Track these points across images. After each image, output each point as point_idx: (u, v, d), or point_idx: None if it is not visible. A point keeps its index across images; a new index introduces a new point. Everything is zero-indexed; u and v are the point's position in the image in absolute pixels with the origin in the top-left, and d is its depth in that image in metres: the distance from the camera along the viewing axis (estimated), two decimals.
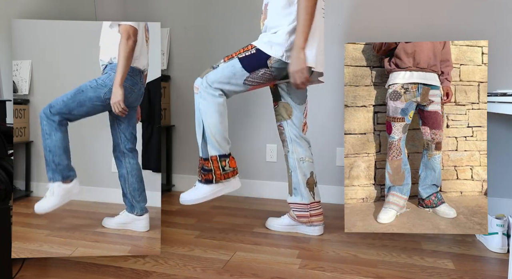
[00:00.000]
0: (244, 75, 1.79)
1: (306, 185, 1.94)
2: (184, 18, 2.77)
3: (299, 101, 1.94)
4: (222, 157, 1.85)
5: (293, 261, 1.66)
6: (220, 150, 1.85)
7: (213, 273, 1.54)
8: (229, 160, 1.88)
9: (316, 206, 1.96)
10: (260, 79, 1.80)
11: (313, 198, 1.95)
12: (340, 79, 2.53)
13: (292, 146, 1.94)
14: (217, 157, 1.84)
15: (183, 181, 2.85)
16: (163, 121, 2.77)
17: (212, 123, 1.85)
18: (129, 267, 1.58)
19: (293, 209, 1.98)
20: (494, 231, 1.82)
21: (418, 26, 2.38)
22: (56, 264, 1.59)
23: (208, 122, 1.86)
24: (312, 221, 1.95)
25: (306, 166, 1.95)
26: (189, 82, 2.80)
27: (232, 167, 1.87)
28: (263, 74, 1.78)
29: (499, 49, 2.29)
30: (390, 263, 1.66)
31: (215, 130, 1.85)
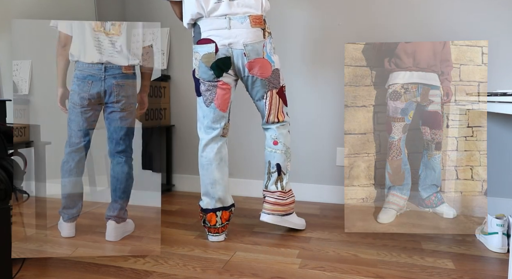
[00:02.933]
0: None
1: (266, 173, 1.95)
2: None
3: (256, 97, 1.91)
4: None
5: (293, 261, 1.66)
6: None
7: (213, 273, 1.54)
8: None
9: (265, 194, 1.95)
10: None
11: (264, 186, 1.95)
12: (340, 79, 2.53)
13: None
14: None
15: (183, 181, 2.86)
16: (163, 121, 2.77)
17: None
18: (129, 267, 1.58)
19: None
20: (494, 231, 1.82)
21: (419, 26, 2.38)
22: (56, 264, 1.59)
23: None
24: (263, 208, 1.95)
25: (266, 155, 1.95)
26: (189, 82, 2.81)
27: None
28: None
29: (499, 49, 2.29)
30: (390, 263, 1.66)
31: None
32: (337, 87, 2.53)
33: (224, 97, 1.85)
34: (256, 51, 1.77)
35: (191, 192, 2.83)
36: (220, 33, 1.75)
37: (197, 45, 1.81)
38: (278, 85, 1.87)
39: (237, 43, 1.75)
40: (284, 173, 1.92)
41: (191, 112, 2.82)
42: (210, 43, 1.77)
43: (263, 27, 1.79)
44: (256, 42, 1.77)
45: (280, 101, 1.90)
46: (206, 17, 1.76)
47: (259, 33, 1.77)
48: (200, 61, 1.80)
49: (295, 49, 2.58)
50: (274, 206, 1.91)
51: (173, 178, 2.88)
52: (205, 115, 1.87)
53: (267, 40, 1.80)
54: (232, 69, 1.82)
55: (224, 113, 1.88)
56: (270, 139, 1.92)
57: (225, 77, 1.83)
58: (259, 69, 1.80)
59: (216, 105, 1.85)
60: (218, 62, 1.78)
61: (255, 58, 1.78)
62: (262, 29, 1.78)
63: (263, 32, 1.79)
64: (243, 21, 1.75)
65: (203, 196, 1.89)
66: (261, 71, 1.81)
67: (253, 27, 1.76)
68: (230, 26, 1.74)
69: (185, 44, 2.78)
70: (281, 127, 1.92)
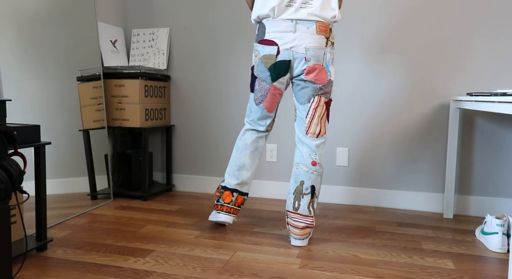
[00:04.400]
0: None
1: (293, 193, 1.83)
2: (184, 18, 2.78)
3: (302, 100, 1.84)
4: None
5: (293, 261, 1.66)
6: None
7: (213, 273, 1.54)
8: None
9: (294, 216, 1.81)
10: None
11: (292, 207, 1.82)
12: (340, 80, 2.53)
13: (296, 148, 1.89)
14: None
15: (183, 181, 2.86)
16: (163, 121, 2.77)
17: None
18: (129, 267, 1.58)
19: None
20: (494, 231, 1.82)
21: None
22: (56, 264, 1.59)
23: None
24: (289, 230, 1.85)
25: (298, 173, 1.82)
26: (189, 82, 2.81)
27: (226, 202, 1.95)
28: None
29: (499, 49, 2.29)
30: (390, 263, 1.66)
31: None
32: (337, 86, 2.53)
33: (274, 100, 1.88)
34: (317, 57, 1.76)
35: (191, 192, 2.83)
36: (285, 36, 1.75)
37: (258, 44, 1.81)
38: (328, 95, 1.83)
39: (299, 47, 1.75)
40: (316, 196, 1.84)
41: (191, 112, 2.82)
42: (273, 46, 1.77)
43: (328, 35, 1.78)
44: (318, 48, 1.75)
45: (325, 112, 1.84)
46: (274, 18, 1.76)
47: (322, 40, 1.76)
48: (260, 60, 1.81)
49: None
50: (305, 230, 1.82)
51: (173, 178, 2.88)
52: (252, 111, 1.93)
53: (328, 49, 1.78)
54: (289, 73, 1.80)
55: (271, 114, 1.93)
56: (309, 158, 1.81)
57: (278, 83, 1.82)
58: (316, 75, 1.78)
59: (265, 106, 1.89)
60: (277, 65, 1.78)
61: (315, 64, 1.76)
62: (326, 38, 1.77)
63: (327, 41, 1.77)
64: (310, 26, 1.74)
65: (226, 175, 1.97)
66: (317, 77, 1.78)
67: (318, 33, 1.75)
68: (296, 30, 1.74)
69: (185, 44, 2.79)
70: (320, 145, 1.83)
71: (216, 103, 2.76)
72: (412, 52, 2.41)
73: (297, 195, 1.82)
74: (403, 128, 2.46)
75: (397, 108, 2.45)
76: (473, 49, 2.32)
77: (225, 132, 2.76)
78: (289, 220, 1.83)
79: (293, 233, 1.83)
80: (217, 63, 2.74)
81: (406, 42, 2.41)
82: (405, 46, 2.42)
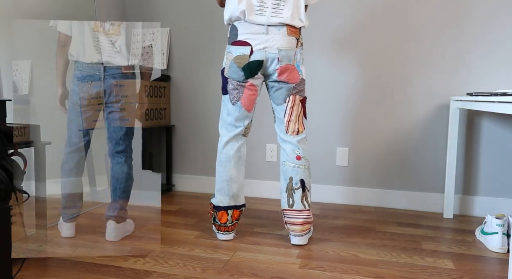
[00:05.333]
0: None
1: (285, 190, 1.85)
2: (184, 18, 2.78)
3: (278, 101, 1.87)
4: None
5: (293, 261, 1.66)
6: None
7: (213, 273, 1.54)
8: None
9: (290, 213, 1.82)
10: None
11: (287, 205, 1.83)
12: (341, 79, 2.53)
13: (280, 148, 1.92)
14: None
15: (183, 181, 2.86)
16: (163, 121, 2.77)
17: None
18: (129, 267, 1.58)
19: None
20: (494, 231, 1.82)
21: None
22: (56, 264, 1.59)
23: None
24: (288, 229, 1.85)
25: (286, 170, 1.85)
26: (189, 82, 2.81)
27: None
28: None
29: (499, 49, 2.29)
30: (390, 263, 1.66)
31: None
32: (338, 87, 2.53)
33: (251, 97, 1.87)
34: (289, 58, 1.80)
35: (191, 192, 2.83)
36: (257, 37, 1.78)
37: (231, 46, 1.82)
38: (302, 93, 1.87)
39: (272, 47, 1.78)
40: (308, 190, 1.84)
41: (191, 112, 2.82)
42: (246, 46, 1.79)
43: (298, 36, 1.82)
44: (289, 48, 1.79)
45: (301, 110, 1.87)
46: (245, 21, 1.79)
47: (293, 41, 1.80)
48: (232, 61, 1.82)
49: None
50: (304, 226, 1.81)
51: (173, 178, 2.88)
52: (229, 113, 1.88)
53: (298, 49, 1.83)
54: (261, 72, 1.84)
55: (249, 113, 1.89)
56: (293, 153, 1.84)
57: (253, 79, 1.84)
58: (288, 74, 1.81)
59: (242, 104, 1.86)
60: (250, 65, 1.79)
61: (287, 64, 1.80)
62: (296, 38, 1.81)
63: (297, 41, 1.82)
64: (281, 29, 1.79)
65: (216, 193, 1.90)
66: (290, 77, 1.81)
67: (289, 35, 1.79)
68: (268, 32, 1.78)
69: (185, 44, 2.79)
70: (302, 140, 1.86)
71: (216, 103, 2.76)
72: (412, 52, 2.41)
73: (289, 192, 1.83)
74: (403, 128, 2.46)
75: (397, 108, 2.45)
76: (473, 49, 2.32)
77: None
78: (286, 219, 1.83)
79: (292, 231, 1.83)
80: (217, 63, 2.74)
81: (406, 42, 2.41)
82: (404, 46, 2.42)
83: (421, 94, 2.41)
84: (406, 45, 2.41)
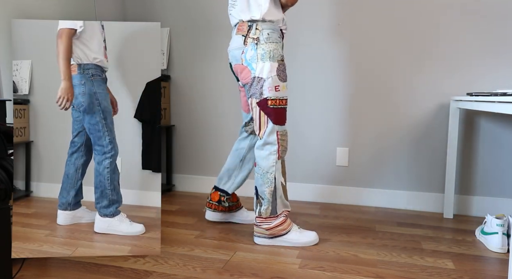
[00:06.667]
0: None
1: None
2: (184, 18, 2.78)
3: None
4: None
5: (293, 261, 1.66)
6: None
7: (213, 273, 1.54)
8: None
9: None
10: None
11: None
12: (341, 79, 2.53)
13: None
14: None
15: (183, 181, 2.86)
16: (163, 121, 2.77)
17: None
18: (129, 267, 1.58)
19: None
20: (494, 231, 1.82)
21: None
22: (56, 264, 1.59)
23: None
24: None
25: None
26: (189, 82, 2.81)
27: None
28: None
29: (499, 49, 2.29)
30: (390, 263, 1.66)
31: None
32: (338, 86, 2.53)
33: (244, 99, 1.98)
34: (236, 58, 1.82)
35: (191, 192, 2.83)
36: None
37: None
38: (258, 95, 1.75)
39: (229, 50, 1.86)
40: (262, 198, 1.80)
41: (191, 112, 2.82)
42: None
43: (245, 33, 1.76)
44: (235, 48, 1.81)
45: (260, 114, 1.76)
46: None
47: (239, 40, 1.79)
48: None
49: (294, 48, 2.58)
50: (257, 228, 1.85)
51: (173, 178, 2.88)
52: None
53: (249, 46, 1.75)
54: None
55: (246, 114, 2.01)
56: (254, 154, 1.85)
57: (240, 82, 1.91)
58: (239, 74, 1.83)
59: (242, 107, 2.01)
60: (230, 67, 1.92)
61: (235, 64, 1.83)
62: (244, 36, 1.77)
63: (244, 39, 1.77)
64: (234, 28, 1.84)
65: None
66: (241, 77, 1.83)
67: (237, 34, 1.82)
68: (232, 34, 1.86)
69: (185, 44, 2.78)
70: (260, 147, 1.80)
71: (216, 103, 2.76)
72: (412, 52, 2.41)
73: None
74: (403, 128, 2.45)
75: (397, 108, 2.45)
76: (473, 49, 2.32)
77: (225, 132, 2.76)
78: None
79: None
80: (217, 63, 2.74)
81: (406, 42, 2.41)
82: (404, 46, 2.42)
83: (421, 94, 2.41)
84: (406, 45, 2.41)
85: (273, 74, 1.73)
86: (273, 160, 1.77)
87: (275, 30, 1.77)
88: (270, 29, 1.75)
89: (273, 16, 1.75)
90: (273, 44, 1.74)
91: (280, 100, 1.76)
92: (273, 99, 1.75)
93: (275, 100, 1.75)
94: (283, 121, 1.78)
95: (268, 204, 1.80)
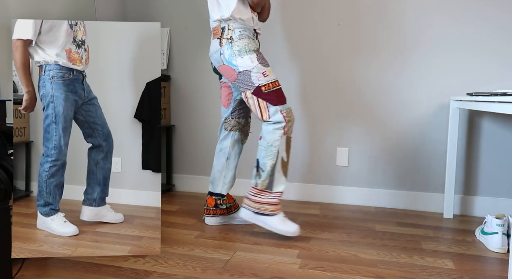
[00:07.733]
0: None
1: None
2: (184, 18, 2.78)
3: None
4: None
5: (293, 261, 1.66)
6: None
7: (213, 273, 1.54)
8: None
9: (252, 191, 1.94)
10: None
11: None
12: (341, 79, 2.53)
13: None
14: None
15: (183, 181, 2.86)
16: (163, 121, 2.77)
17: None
18: (129, 267, 1.58)
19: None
20: (494, 231, 1.82)
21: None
22: (56, 264, 1.59)
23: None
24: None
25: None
26: (189, 82, 2.81)
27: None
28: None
29: (499, 49, 2.29)
30: (390, 263, 1.66)
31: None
32: (338, 86, 2.53)
33: (224, 94, 2.08)
34: (216, 60, 1.90)
35: (191, 192, 2.83)
36: None
37: None
38: (251, 86, 1.83)
39: (210, 55, 1.96)
40: (262, 170, 1.86)
41: (191, 112, 2.82)
42: None
43: (219, 36, 1.88)
44: (214, 52, 1.90)
45: (258, 101, 1.84)
46: None
47: (216, 43, 1.89)
48: None
49: (293, 48, 2.58)
50: (247, 200, 1.90)
51: (173, 178, 2.88)
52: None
53: (225, 46, 1.85)
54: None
55: (226, 109, 2.08)
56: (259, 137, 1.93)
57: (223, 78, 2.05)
58: (224, 75, 1.92)
59: (221, 101, 2.10)
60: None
61: (218, 66, 1.91)
62: (218, 38, 1.88)
63: (219, 41, 1.87)
64: (211, 33, 1.95)
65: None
66: (227, 77, 1.90)
67: (213, 38, 1.91)
68: (211, 39, 2.00)
69: (185, 44, 2.78)
70: (267, 124, 1.86)
71: (216, 103, 2.76)
72: (411, 52, 2.41)
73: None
74: (403, 128, 2.46)
75: (397, 108, 2.45)
76: (473, 49, 2.32)
77: None
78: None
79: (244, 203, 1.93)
80: None
81: (406, 42, 2.41)
82: (404, 46, 2.42)
83: (421, 94, 2.41)
84: (406, 45, 2.41)
85: (255, 63, 1.82)
86: (279, 135, 1.84)
87: (246, 28, 1.87)
88: (241, 27, 1.86)
89: (242, 14, 1.86)
90: (246, 39, 1.84)
91: (271, 83, 1.84)
92: (265, 85, 1.83)
93: (267, 84, 1.83)
94: (283, 101, 1.85)
95: (267, 177, 1.86)
